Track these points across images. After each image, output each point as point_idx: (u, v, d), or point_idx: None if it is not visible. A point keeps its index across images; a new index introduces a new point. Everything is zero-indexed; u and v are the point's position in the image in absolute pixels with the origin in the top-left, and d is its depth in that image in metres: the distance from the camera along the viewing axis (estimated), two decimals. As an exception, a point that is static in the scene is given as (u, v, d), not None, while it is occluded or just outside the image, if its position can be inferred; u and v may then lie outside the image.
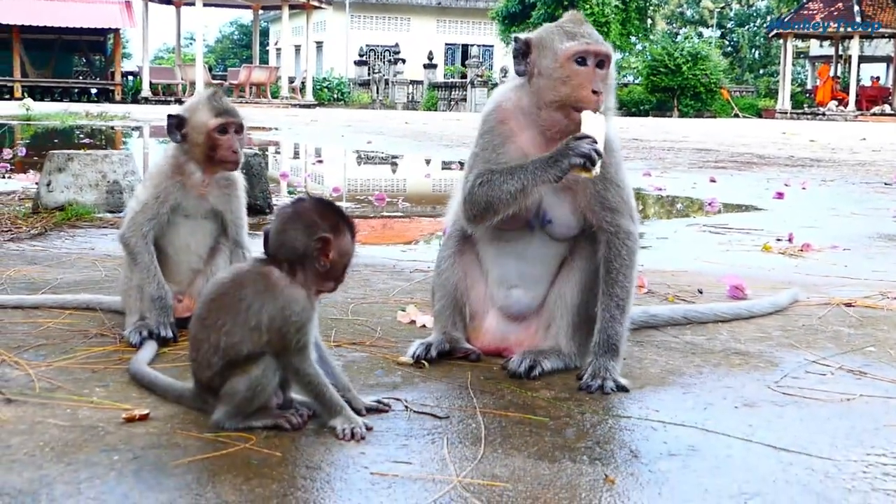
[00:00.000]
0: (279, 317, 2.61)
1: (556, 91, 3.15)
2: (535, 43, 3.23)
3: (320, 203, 2.71)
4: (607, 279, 3.25)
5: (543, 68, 3.18)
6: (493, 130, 3.30)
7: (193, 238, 3.77)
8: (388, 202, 9.36)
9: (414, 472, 2.41)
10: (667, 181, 11.98)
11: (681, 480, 2.40)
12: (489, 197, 3.22)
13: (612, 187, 3.27)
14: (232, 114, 3.67)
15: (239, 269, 2.80)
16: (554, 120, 3.19)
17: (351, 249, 2.69)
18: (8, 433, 2.58)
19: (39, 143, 16.97)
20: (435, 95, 51.14)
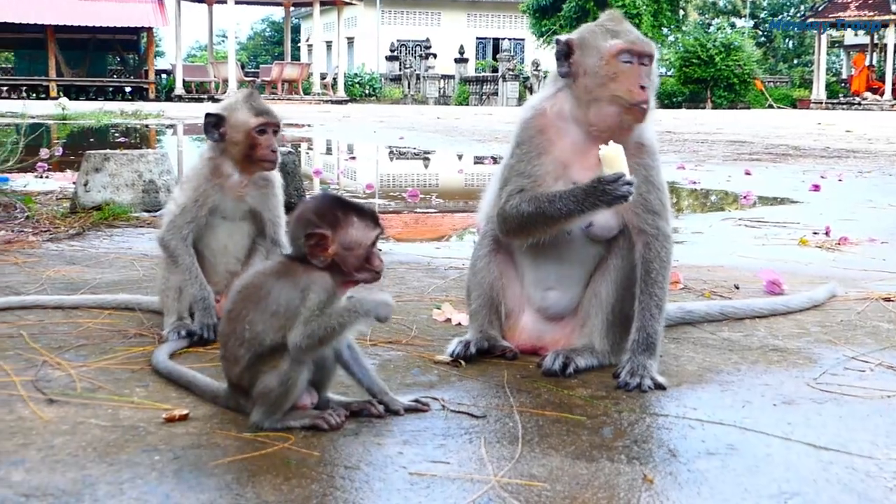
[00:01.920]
0: (296, 298, 2.62)
1: (604, 88, 3.16)
2: (578, 43, 3.23)
3: (322, 199, 2.72)
4: (647, 279, 3.24)
5: (589, 67, 3.18)
6: (531, 141, 3.29)
7: (231, 240, 3.80)
8: (421, 198, 9.37)
9: (452, 471, 2.42)
10: (701, 174, 11.91)
11: (720, 480, 2.39)
12: (520, 221, 3.24)
13: (653, 190, 3.27)
14: (271, 114, 3.70)
15: (265, 263, 2.82)
16: (603, 117, 3.19)
17: (363, 237, 2.65)
18: (51, 433, 2.61)
19: (76, 143, 17.13)
20: (466, 90, 51.10)
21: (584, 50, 3.21)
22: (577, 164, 3.24)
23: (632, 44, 3.17)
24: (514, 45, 59.05)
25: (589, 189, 3.06)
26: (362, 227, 2.66)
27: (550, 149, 3.26)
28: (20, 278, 4.69)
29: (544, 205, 3.16)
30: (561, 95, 3.28)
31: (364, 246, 2.66)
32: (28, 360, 3.29)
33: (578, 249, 3.34)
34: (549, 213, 3.15)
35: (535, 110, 3.31)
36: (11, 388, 2.99)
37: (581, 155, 3.22)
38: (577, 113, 3.23)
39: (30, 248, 5.57)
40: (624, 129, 3.21)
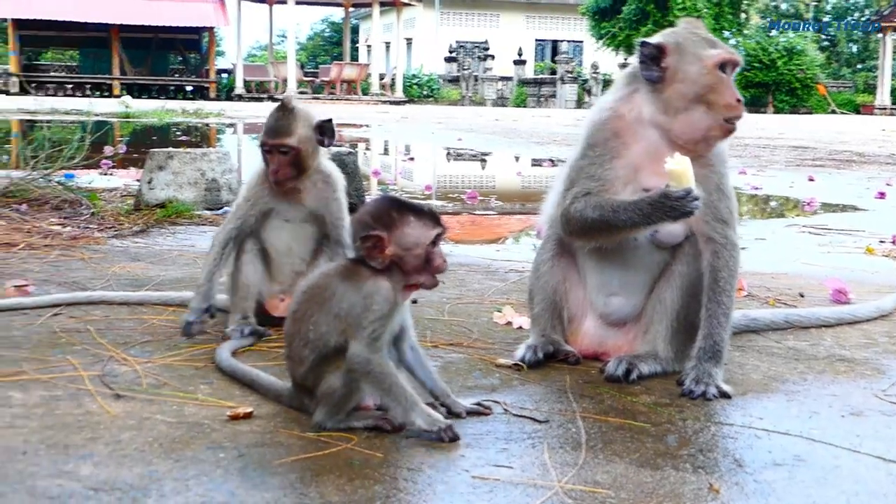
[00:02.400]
0: (360, 304, 2.62)
1: (701, 98, 3.13)
2: (673, 48, 3.18)
3: (378, 201, 2.71)
4: (715, 287, 3.21)
5: (687, 75, 3.15)
6: (604, 144, 3.26)
7: (295, 241, 3.82)
8: (479, 199, 9.36)
9: (515, 476, 2.41)
10: (763, 180, 11.78)
11: (787, 491, 2.36)
12: (583, 226, 3.23)
13: (723, 198, 3.24)
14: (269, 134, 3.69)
15: (331, 264, 2.83)
16: (691, 127, 3.16)
17: (422, 237, 2.63)
18: (118, 428, 2.64)
19: (138, 140, 17.35)
20: (524, 92, 51.04)
21: (682, 56, 3.16)
22: (648, 169, 3.21)
23: (731, 55, 3.16)
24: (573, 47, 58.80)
25: (655, 203, 3.03)
26: (420, 226, 2.64)
27: (624, 153, 3.23)
28: (86, 274, 4.75)
29: (609, 213, 3.14)
30: (638, 98, 3.24)
31: (423, 246, 2.64)
32: (95, 356, 3.34)
33: (643, 255, 3.31)
34: (612, 222, 3.13)
35: (612, 112, 3.28)
36: (79, 382, 3.03)
37: (654, 160, 3.19)
38: (660, 118, 3.19)
39: (95, 245, 5.65)
40: (709, 142, 3.18)
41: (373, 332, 2.62)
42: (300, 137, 3.66)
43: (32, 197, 6.99)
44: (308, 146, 3.69)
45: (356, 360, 2.62)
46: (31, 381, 3.03)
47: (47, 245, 5.47)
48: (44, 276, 4.63)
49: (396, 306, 2.67)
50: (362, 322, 2.61)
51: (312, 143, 3.71)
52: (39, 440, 2.54)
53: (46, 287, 4.40)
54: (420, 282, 2.70)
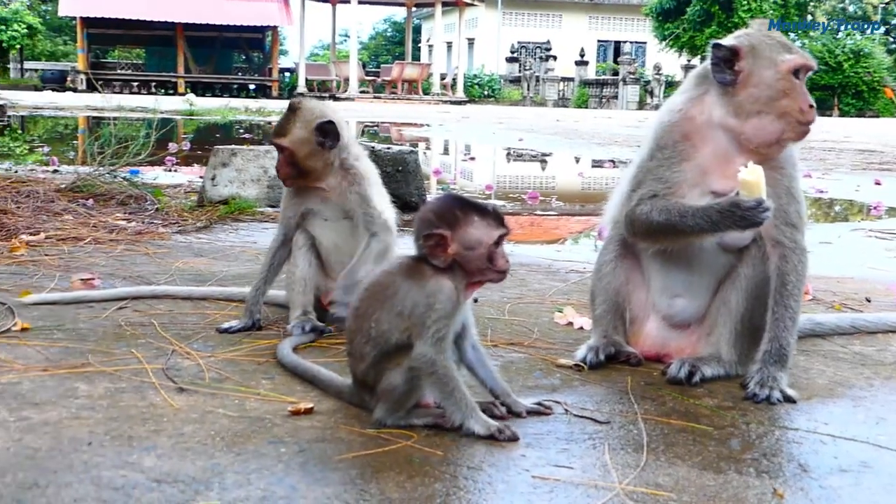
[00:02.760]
0: (423, 303, 2.62)
1: (775, 103, 3.10)
2: (747, 51, 3.15)
3: (442, 199, 2.70)
4: (783, 291, 3.16)
5: (762, 78, 3.12)
6: (674, 146, 3.23)
7: (340, 238, 3.84)
8: (541, 200, 9.33)
9: (575, 477, 2.39)
10: (828, 183, 11.60)
11: (853, 498, 2.32)
12: (648, 228, 3.21)
13: (793, 202, 3.21)
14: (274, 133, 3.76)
15: (393, 262, 2.83)
16: (764, 131, 3.13)
17: (485, 236, 2.62)
18: (181, 421, 2.67)
19: (202, 138, 17.54)
20: (586, 92, 50.81)
21: (757, 60, 3.13)
22: (717, 173, 3.18)
23: (805, 60, 3.14)
24: (636, 48, 58.44)
25: (724, 211, 3.00)
26: (483, 226, 2.63)
27: (693, 155, 3.20)
28: (151, 268, 4.81)
29: (675, 218, 3.11)
30: (708, 100, 3.21)
31: (486, 245, 2.63)
32: (159, 349, 3.38)
33: (708, 257, 3.27)
34: (679, 226, 3.11)
35: (681, 114, 3.25)
36: (144, 375, 3.07)
37: (723, 163, 3.16)
38: (731, 122, 3.16)
39: (160, 240, 5.72)
40: (780, 145, 3.16)
41: (436, 332, 2.61)
42: (293, 138, 3.69)
43: (99, 192, 7.10)
44: (303, 147, 3.69)
45: (421, 360, 2.61)
46: (97, 373, 3.07)
47: (113, 239, 5.55)
48: (109, 270, 4.70)
49: (459, 305, 2.67)
50: (426, 321, 2.61)
51: (310, 144, 3.69)
52: (104, 431, 2.57)
53: (112, 281, 4.46)
54: (482, 280, 2.69)
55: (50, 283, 4.36)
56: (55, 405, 2.76)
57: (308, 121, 3.70)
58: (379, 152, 7.24)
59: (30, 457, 2.38)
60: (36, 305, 3.92)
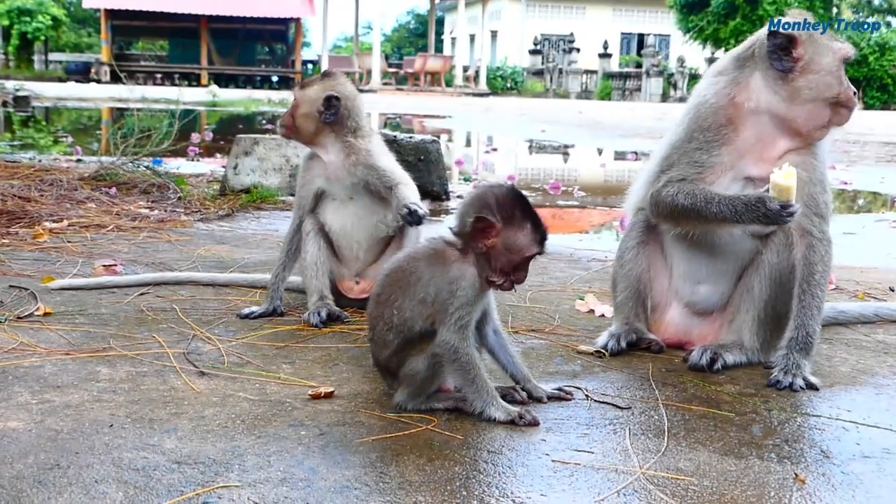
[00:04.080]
0: (445, 290, 2.61)
1: (830, 89, 3.14)
2: (805, 39, 3.16)
3: (508, 191, 2.65)
4: (810, 280, 3.15)
5: (819, 66, 3.15)
6: (717, 129, 3.21)
7: (349, 220, 3.84)
8: (563, 191, 9.31)
9: (596, 461, 2.38)
10: (853, 175, 11.52)
11: (876, 484, 2.30)
12: (672, 211, 3.21)
13: (823, 193, 3.21)
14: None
15: (416, 247, 2.82)
16: (815, 116, 3.16)
17: (525, 247, 2.61)
18: (202, 404, 2.68)
19: (224, 129, 17.58)
20: (609, 85, 50.59)
21: (816, 48, 3.16)
22: (753, 156, 3.18)
23: (852, 49, 3.21)
24: (659, 40, 58.11)
25: (751, 206, 2.99)
26: (530, 238, 2.61)
27: (734, 140, 3.19)
28: (173, 255, 4.83)
29: (700, 203, 3.09)
30: (754, 85, 3.20)
31: (522, 255, 2.62)
32: (180, 334, 3.39)
33: (733, 243, 3.25)
34: (703, 212, 3.10)
35: (727, 98, 3.23)
36: (165, 359, 3.08)
37: (761, 148, 3.17)
38: (781, 107, 3.16)
39: (182, 227, 5.74)
40: (827, 130, 3.19)
41: (459, 319, 2.61)
42: (304, 95, 3.84)
43: (121, 181, 7.14)
44: (306, 107, 3.80)
45: (444, 348, 2.61)
46: (119, 358, 3.09)
47: (135, 227, 5.58)
48: (131, 257, 4.72)
49: (480, 293, 2.66)
50: (448, 308, 2.61)
51: (313, 107, 3.79)
52: (125, 414, 2.58)
53: (134, 267, 4.48)
54: (497, 283, 2.66)
55: (73, 269, 4.38)
56: (77, 388, 2.77)
57: (323, 89, 3.81)
58: (401, 141, 7.24)
59: (51, 438, 2.39)
60: (59, 291, 3.94)
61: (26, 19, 46.59)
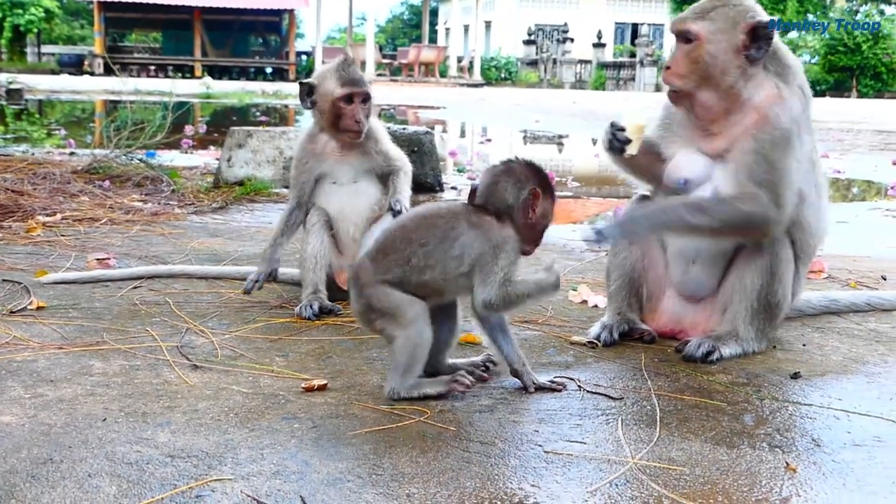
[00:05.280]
0: (489, 252, 2.68)
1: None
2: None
3: (532, 163, 2.79)
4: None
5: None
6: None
7: (348, 203, 3.83)
8: (557, 182, 9.31)
9: (588, 451, 2.39)
10: (846, 163, 11.53)
11: (866, 472, 2.31)
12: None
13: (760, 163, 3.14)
14: (358, 83, 3.72)
15: (454, 205, 2.85)
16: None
17: (550, 213, 2.78)
18: (195, 398, 2.68)
19: (218, 121, 17.58)
20: (603, 75, 50.56)
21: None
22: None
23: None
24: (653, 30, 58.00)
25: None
26: (551, 206, 2.79)
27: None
28: (167, 248, 4.83)
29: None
30: None
31: (548, 220, 2.78)
32: (173, 327, 3.39)
33: None
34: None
35: None
36: (158, 352, 3.08)
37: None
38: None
39: (175, 220, 5.74)
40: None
41: (506, 276, 2.68)
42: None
43: (115, 174, 7.13)
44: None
45: (492, 301, 2.69)
46: (112, 351, 3.09)
47: (129, 220, 5.57)
48: (125, 250, 4.72)
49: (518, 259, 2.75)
50: (494, 268, 2.68)
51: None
52: (119, 408, 2.58)
53: (127, 260, 4.48)
54: (528, 250, 2.79)
55: (66, 262, 4.38)
56: (70, 382, 2.78)
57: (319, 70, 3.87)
58: (395, 133, 7.23)
59: (45, 433, 2.39)
60: (52, 285, 3.94)
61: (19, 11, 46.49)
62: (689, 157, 3.27)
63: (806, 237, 3.28)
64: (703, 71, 3.14)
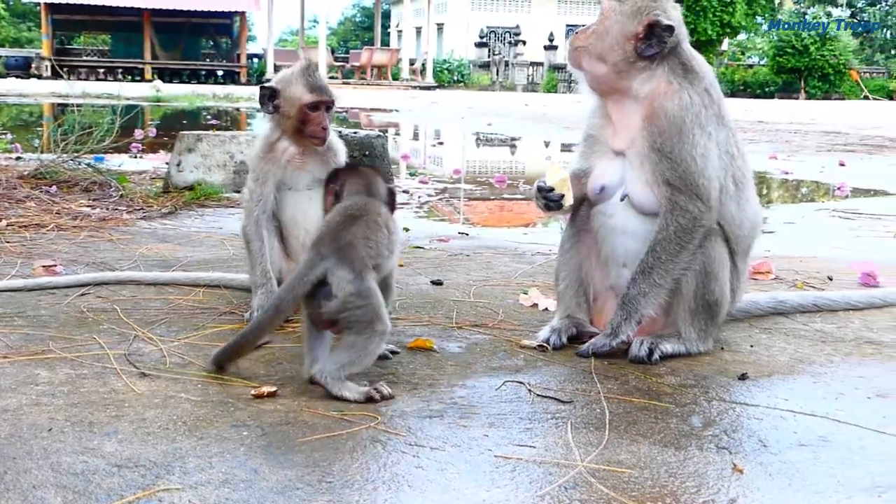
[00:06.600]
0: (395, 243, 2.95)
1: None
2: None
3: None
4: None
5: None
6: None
7: (300, 209, 3.78)
8: (509, 184, 9.34)
9: (538, 455, 2.40)
10: (794, 164, 11.69)
11: (812, 471, 2.34)
12: None
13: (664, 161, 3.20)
14: (325, 91, 3.69)
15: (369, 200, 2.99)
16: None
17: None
18: (143, 406, 2.66)
19: (169, 124, 17.43)
20: (555, 77, 50.76)
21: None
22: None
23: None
24: (604, 32, 58.28)
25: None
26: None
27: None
28: (115, 255, 4.78)
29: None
30: None
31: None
32: (121, 335, 3.36)
33: (636, 226, 3.29)
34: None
35: None
36: (105, 360, 3.05)
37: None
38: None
39: (124, 226, 5.68)
40: None
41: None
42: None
43: (62, 179, 7.04)
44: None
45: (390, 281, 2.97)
46: (58, 360, 3.05)
47: (76, 226, 5.51)
48: (72, 257, 4.66)
49: None
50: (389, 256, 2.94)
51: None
52: (65, 417, 2.55)
53: (74, 267, 4.43)
54: None
55: (11, 270, 4.32)
56: (15, 392, 2.74)
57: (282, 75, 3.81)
58: (346, 137, 7.21)
59: (-11, 443, 2.36)
60: (-3, 293, 3.88)
61: (-36, 15, 45.79)
62: (605, 165, 3.34)
63: (733, 229, 3.30)
64: (596, 44, 3.28)
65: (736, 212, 3.29)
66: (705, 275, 3.25)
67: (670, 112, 3.18)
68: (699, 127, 3.18)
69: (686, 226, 3.18)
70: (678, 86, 3.20)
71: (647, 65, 3.22)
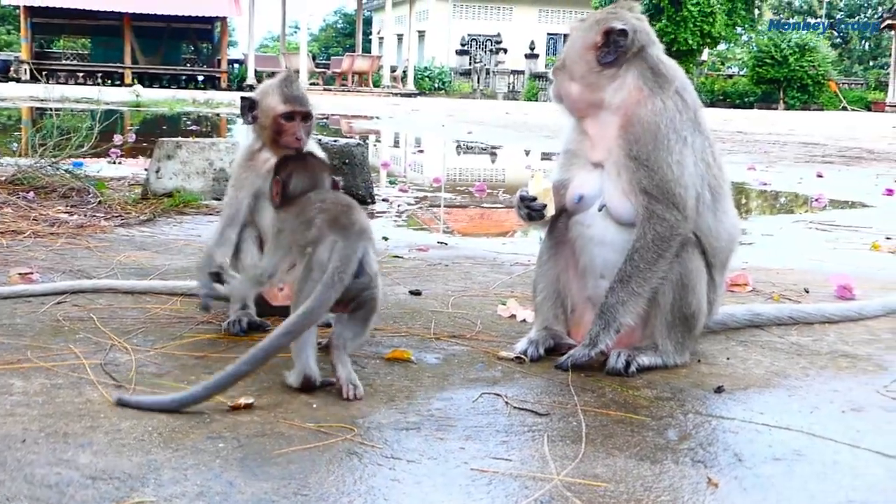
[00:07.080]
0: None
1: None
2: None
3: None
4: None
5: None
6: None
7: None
8: (488, 193, 9.35)
9: (514, 469, 2.40)
10: (772, 175, 11.75)
11: (786, 486, 2.35)
12: None
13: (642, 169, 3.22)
14: (300, 102, 3.68)
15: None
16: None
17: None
18: (118, 417, 2.64)
19: (148, 130, 17.38)
20: (536, 85, 50.90)
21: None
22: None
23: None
24: (585, 41, 58.42)
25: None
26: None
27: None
28: (92, 262, 4.76)
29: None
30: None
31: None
32: (97, 344, 3.34)
33: (614, 236, 3.29)
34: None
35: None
36: (81, 371, 3.04)
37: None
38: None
39: (101, 233, 5.66)
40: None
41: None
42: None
43: (39, 185, 7.01)
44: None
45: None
46: (33, 369, 3.03)
47: (53, 233, 5.48)
48: (49, 265, 4.64)
49: None
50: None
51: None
52: (39, 428, 2.54)
53: (51, 275, 4.41)
54: None
55: (-12, 277, 4.30)
56: (-11, 402, 2.72)
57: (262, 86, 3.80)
58: (326, 145, 7.21)
59: (-38, 454, 2.34)
60: (-28, 300, 3.86)
61: (-57, 17, 45.52)
62: (584, 175, 3.36)
63: (710, 241, 3.31)
64: (565, 63, 3.39)
65: (713, 223, 3.30)
66: (682, 287, 3.26)
67: (644, 119, 3.22)
68: (674, 132, 3.21)
69: (663, 234, 3.20)
70: (649, 91, 3.23)
71: (615, 72, 3.26)
